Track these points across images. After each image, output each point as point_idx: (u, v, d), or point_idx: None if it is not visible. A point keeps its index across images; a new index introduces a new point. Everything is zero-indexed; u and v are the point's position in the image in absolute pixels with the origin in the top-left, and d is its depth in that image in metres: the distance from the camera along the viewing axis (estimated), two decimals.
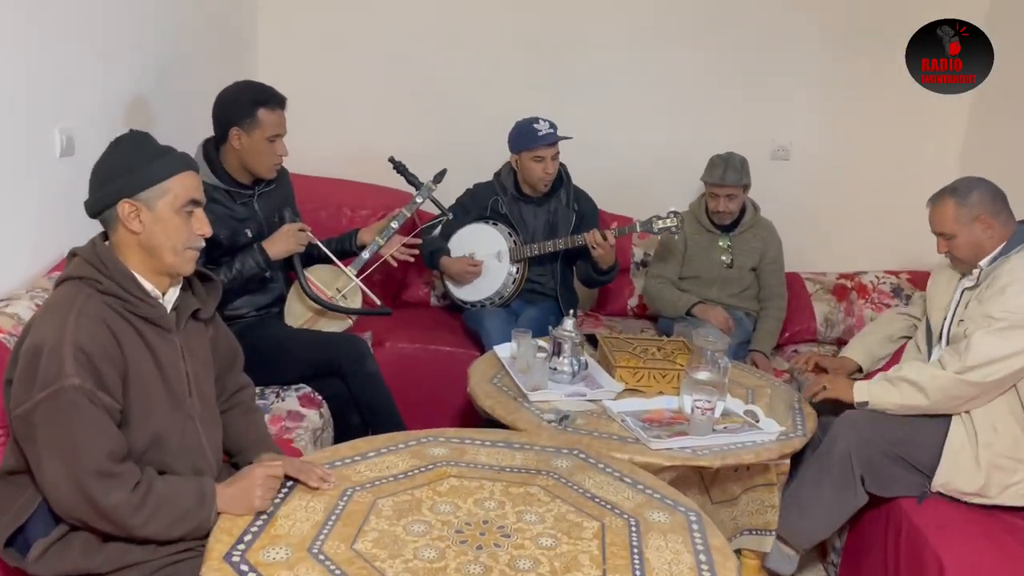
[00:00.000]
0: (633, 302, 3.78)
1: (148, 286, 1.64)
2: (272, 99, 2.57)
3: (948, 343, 2.39)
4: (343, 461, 1.84)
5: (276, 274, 2.77)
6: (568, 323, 2.55)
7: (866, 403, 2.37)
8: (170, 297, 1.70)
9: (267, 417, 2.34)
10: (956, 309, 2.40)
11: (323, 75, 3.85)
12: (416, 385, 3.23)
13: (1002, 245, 2.31)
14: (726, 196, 3.28)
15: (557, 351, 2.53)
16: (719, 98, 3.87)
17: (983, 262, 2.34)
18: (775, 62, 3.82)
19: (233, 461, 1.87)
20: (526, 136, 3.12)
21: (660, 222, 3.04)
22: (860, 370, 2.74)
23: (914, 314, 2.76)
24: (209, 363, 1.82)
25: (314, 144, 3.81)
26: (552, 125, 3.12)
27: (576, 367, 2.53)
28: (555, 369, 2.52)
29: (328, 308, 2.76)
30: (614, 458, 1.99)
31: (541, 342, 2.73)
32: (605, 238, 3.05)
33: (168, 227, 1.62)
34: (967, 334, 2.24)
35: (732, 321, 3.22)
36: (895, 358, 2.70)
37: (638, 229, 3.08)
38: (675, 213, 3.04)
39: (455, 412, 3.15)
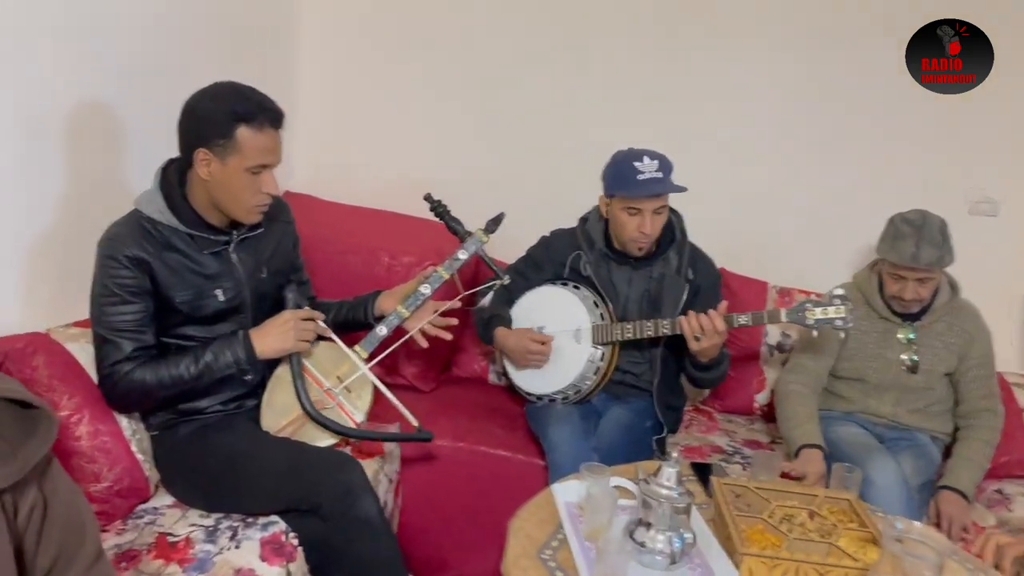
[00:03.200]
0: (763, 398, 2.78)
1: None
2: (260, 112, 1.77)
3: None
4: None
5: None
6: (667, 475, 1.61)
7: None
8: None
9: None
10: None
11: (369, 85, 3.09)
12: (458, 498, 2.42)
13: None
14: (917, 281, 2.25)
15: (647, 519, 1.60)
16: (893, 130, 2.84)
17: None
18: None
19: None
20: (621, 177, 2.20)
21: (818, 312, 2.04)
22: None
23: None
24: None
25: (349, 166, 3.09)
26: (663, 165, 2.18)
27: (676, 546, 1.59)
28: (643, 545, 1.59)
29: (329, 428, 1.93)
30: None
31: (623, 483, 1.82)
32: (714, 323, 2.09)
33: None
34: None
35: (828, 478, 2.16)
36: None
37: (784, 319, 2.09)
38: (843, 299, 2.04)
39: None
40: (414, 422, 2.01)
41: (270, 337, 1.88)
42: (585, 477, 1.74)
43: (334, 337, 1.98)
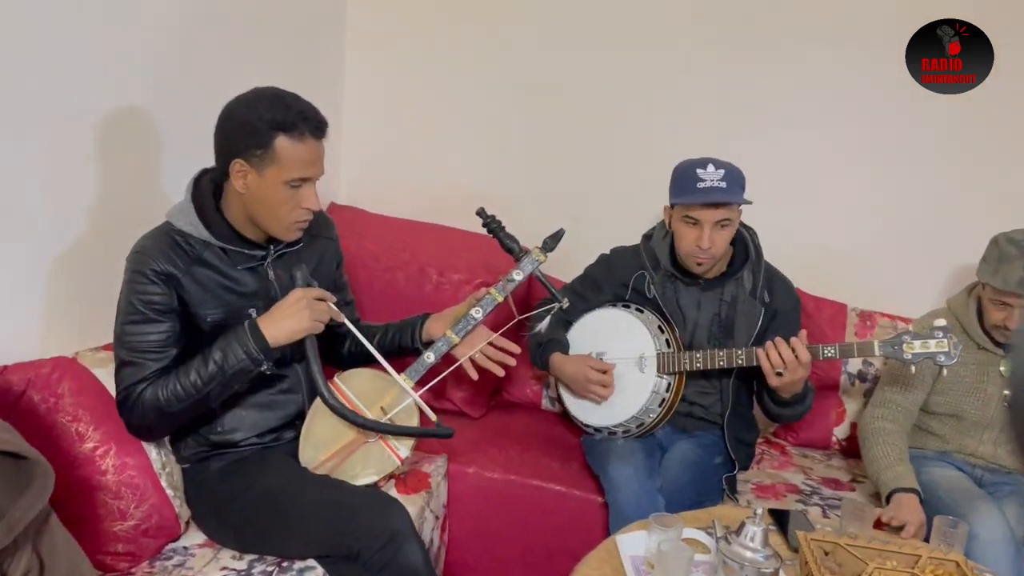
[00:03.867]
0: (842, 432, 2.55)
1: None
2: (301, 121, 1.62)
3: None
4: None
5: (291, 371, 1.83)
6: (750, 534, 1.41)
7: None
8: None
9: None
10: None
11: (418, 93, 2.93)
12: (509, 535, 2.26)
13: None
14: None
15: None
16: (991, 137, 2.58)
17: None
18: None
19: None
20: (681, 183, 2.02)
21: (917, 345, 1.82)
22: None
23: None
24: None
25: (397, 178, 2.96)
26: (729, 175, 1.99)
27: None
28: None
29: (347, 418, 1.75)
30: None
31: (697, 535, 1.62)
32: (799, 356, 1.88)
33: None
34: None
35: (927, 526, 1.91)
36: None
37: (877, 352, 1.87)
38: (945, 331, 1.81)
39: None
40: (432, 416, 1.82)
41: (283, 320, 1.68)
42: (655, 530, 1.55)
43: (358, 334, 1.81)
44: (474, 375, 1.90)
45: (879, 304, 2.63)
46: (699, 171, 1.97)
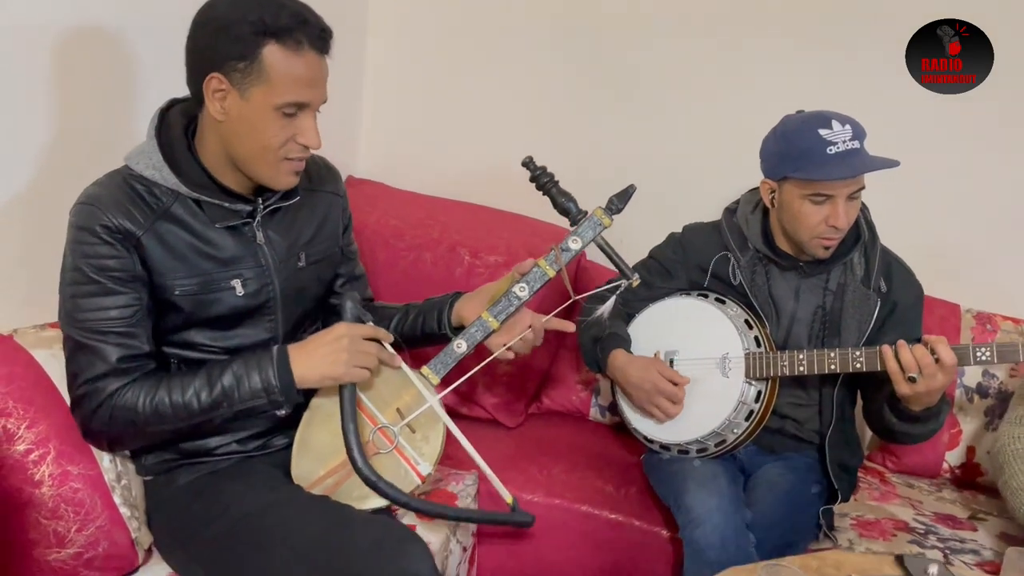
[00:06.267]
0: (956, 458, 2.10)
1: None
2: (298, 26, 1.24)
3: None
4: None
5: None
6: None
7: None
8: None
9: None
10: None
11: (448, 54, 2.53)
12: (552, 572, 1.86)
13: None
14: None
15: None
16: None
17: None
18: None
19: None
20: (802, 150, 1.58)
21: None
22: None
23: None
24: None
25: (424, 151, 2.57)
26: (857, 131, 1.57)
27: None
28: None
29: (389, 497, 1.36)
30: None
31: None
32: (942, 357, 1.46)
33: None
34: None
35: None
36: None
37: None
38: None
39: None
40: (508, 498, 1.42)
41: (316, 357, 1.33)
42: None
43: (399, 361, 1.42)
44: (510, 356, 1.47)
45: (995, 305, 2.20)
46: (823, 132, 1.55)
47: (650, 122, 2.40)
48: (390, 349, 1.41)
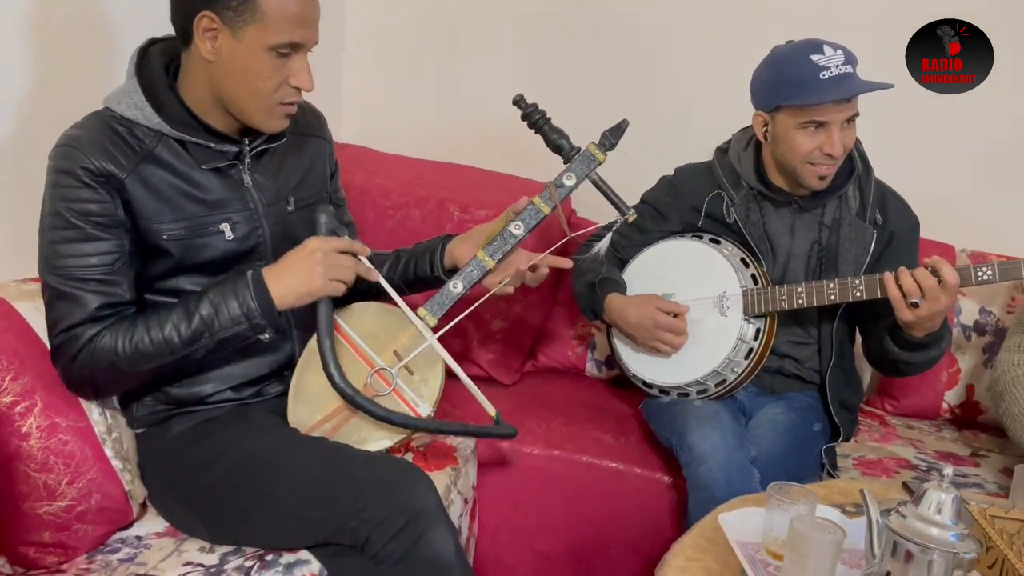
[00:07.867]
0: (955, 397, 2.10)
1: None
2: None
3: None
4: None
5: (286, 327, 1.41)
6: (936, 502, 0.97)
7: None
8: None
9: None
10: None
11: (431, 14, 2.48)
12: (554, 525, 1.84)
13: None
14: None
15: None
16: None
17: None
18: None
19: None
20: (795, 77, 1.55)
21: None
22: None
23: None
24: None
25: (408, 114, 2.53)
26: (849, 57, 1.55)
27: None
28: None
29: (377, 416, 1.33)
30: None
31: (828, 513, 1.19)
32: (944, 278, 1.44)
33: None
34: None
35: None
36: None
37: None
38: None
39: None
40: (491, 411, 1.40)
41: (290, 275, 1.29)
42: (776, 506, 1.11)
43: (385, 285, 1.39)
44: (511, 290, 1.45)
45: (987, 244, 2.19)
46: (815, 58, 1.53)
47: (637, 69, 2.37)
48: (366, 263, 1.37)
